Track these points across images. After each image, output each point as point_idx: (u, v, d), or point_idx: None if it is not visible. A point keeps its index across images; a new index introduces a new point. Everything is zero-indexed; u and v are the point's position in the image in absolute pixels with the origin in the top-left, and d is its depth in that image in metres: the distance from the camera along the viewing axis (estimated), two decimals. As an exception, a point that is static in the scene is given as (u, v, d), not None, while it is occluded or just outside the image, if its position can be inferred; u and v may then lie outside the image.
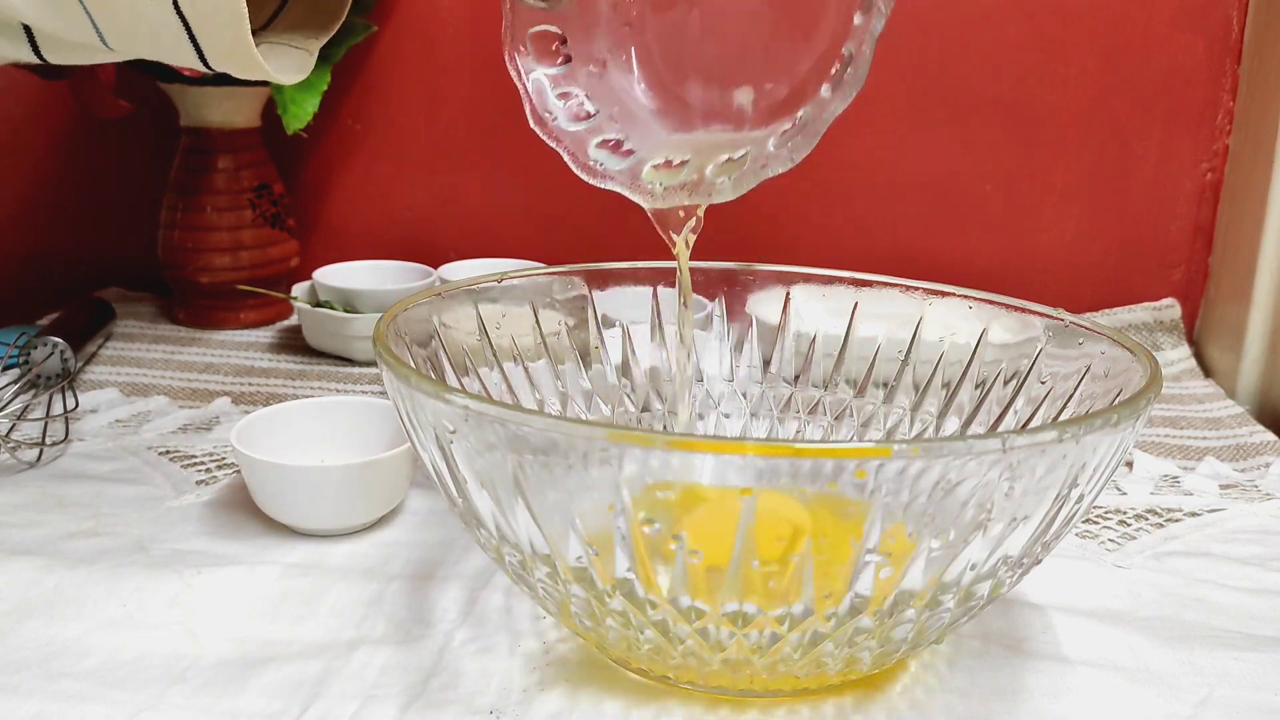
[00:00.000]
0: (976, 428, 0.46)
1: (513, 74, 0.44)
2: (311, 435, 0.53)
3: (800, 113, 0.41)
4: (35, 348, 0.67)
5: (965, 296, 0.48)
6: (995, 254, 0.86)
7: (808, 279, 0.51)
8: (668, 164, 0.43)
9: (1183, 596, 0.46)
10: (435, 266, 0.83)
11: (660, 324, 0.52)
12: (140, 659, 0.39)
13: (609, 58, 0.44)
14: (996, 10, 0.81)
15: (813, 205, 0.87)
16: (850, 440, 0.50)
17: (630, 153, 0.44)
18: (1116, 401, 0.38)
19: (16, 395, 0.62)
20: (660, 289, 0.52)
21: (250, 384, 0.71)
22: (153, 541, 0.48)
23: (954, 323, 0.48)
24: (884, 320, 0.50)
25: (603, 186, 0.44)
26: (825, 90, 0.41)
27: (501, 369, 0.47)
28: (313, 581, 0.45)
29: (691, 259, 0.52)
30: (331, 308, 0.76)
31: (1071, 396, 0.42)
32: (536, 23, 0.43)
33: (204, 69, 0.44)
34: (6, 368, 0.69)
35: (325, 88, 0.78)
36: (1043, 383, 0.44)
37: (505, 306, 0.48)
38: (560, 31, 0.43)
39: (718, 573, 0.32)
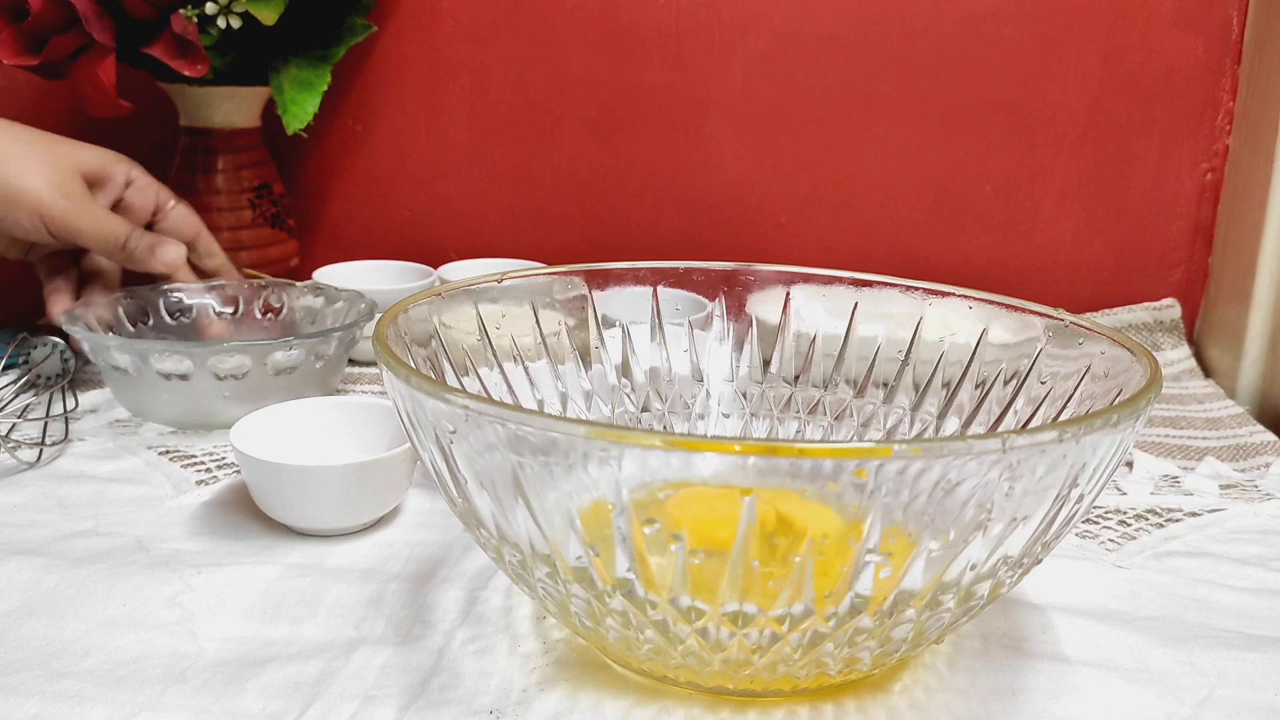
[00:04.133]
0: (976, 428, 0.46)
1: None
2: (311, 435, 0.53)
3: None
4: (35, 348, 0.67)
5: (965, 296, 0.48)
6: (995, 254, 0.86)
7: (808, 279, 0.51)
8: None
9: (1183, 596, 0.46)
10: (435, 266, 0.83)
11: (660, 324, 0.52)
12: (140, 659, 0.39)
13: None
14: (996, 10, 0.81)
15: (813, 205, 0.87)
16: (850, 440, 0.50)
17: None
18: (1116, 401, 0.38)
19: (16, 395, 0.62)
20: (660, 289, 0.52)
21: (250, 384, 0.71)
22: (153, 541, 0.48)
23: (954, 323, 0.48)
24: (884, 320, 0.50)
25: None
26: None
27: (501, 369, 0.47)
28: (313, 581, 0.45)
29: (692, 259, 0.52)
30: (331, 308, 0.76)
31: (1071, 396, 0.42)
32: None
33: None
34: (6, 367, 0.69)
35: (325, 88, 0.79)
36: (1043, 383, 0.44)
37: (505, 306, 0.48)
38: None
39: (717, 572, 0.32)
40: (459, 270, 0.82)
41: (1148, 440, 0.64)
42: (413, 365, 0.39)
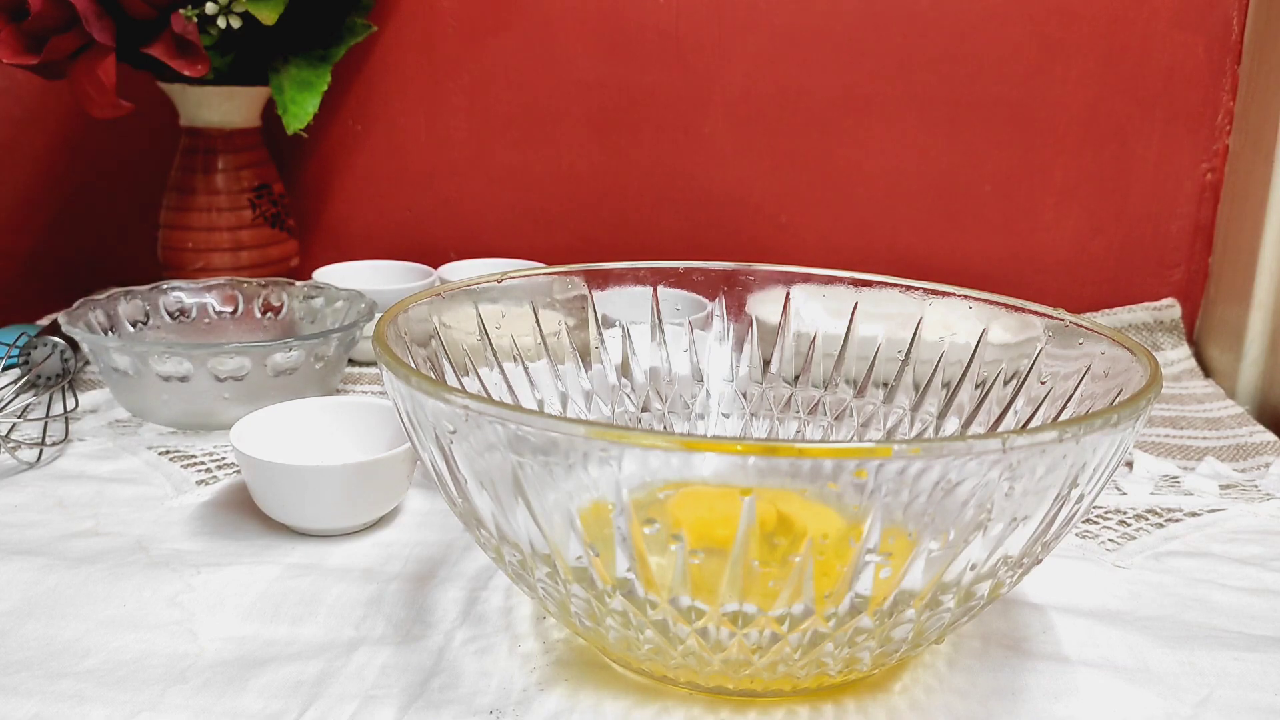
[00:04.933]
0: (976, 428, 0.46)
1: None
2: (311, 435, 0.53)
3: None
4: (35, 348, 0.67)
5: (965, 296, 0.48)
6: (995, 254, 0.86)
7: (808, 279, 0.51)
8: None
9: (1183, 596, 0.46)
10: (435, 266, 0.83)
11: (660, 324, 0.52)
12: (140, 659, 0.39)
13: None
14: (996, 10, 0.81)
15: (813, 205, 0.87)
16: (850, 440, 0.50)
17: None
18: (1116, 401, 0.38)
19: (16, 395, 0.62)
20: (660, 289, 0.52)
21: (250, 384, 0.71)
22: (153, 541, 0.48)
23: (954, 323, 0.48)
24: (884, 320, 0.50)
25: None
26: None
27: (501, 369, 0.47)
28: (313, 581, 0.45)
29: (692, 259, 0.52)
30: (331, 308, 0.76)
31: (1071, 396, 0.42)
32: None
33: None
34: (6, 368, 0.69)
35: (325, 88, 0.79)
36: (1043, 383, 0.44)
37: (505, 306, 0.48)
38: None
39: (717, 572, 0.32)
40: (459, 270, 0.82)
41: (1148, 440, 0.64)
42: (413, 365, 0.39)
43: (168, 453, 0.58)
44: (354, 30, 0.81)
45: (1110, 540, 0.51)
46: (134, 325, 0.67)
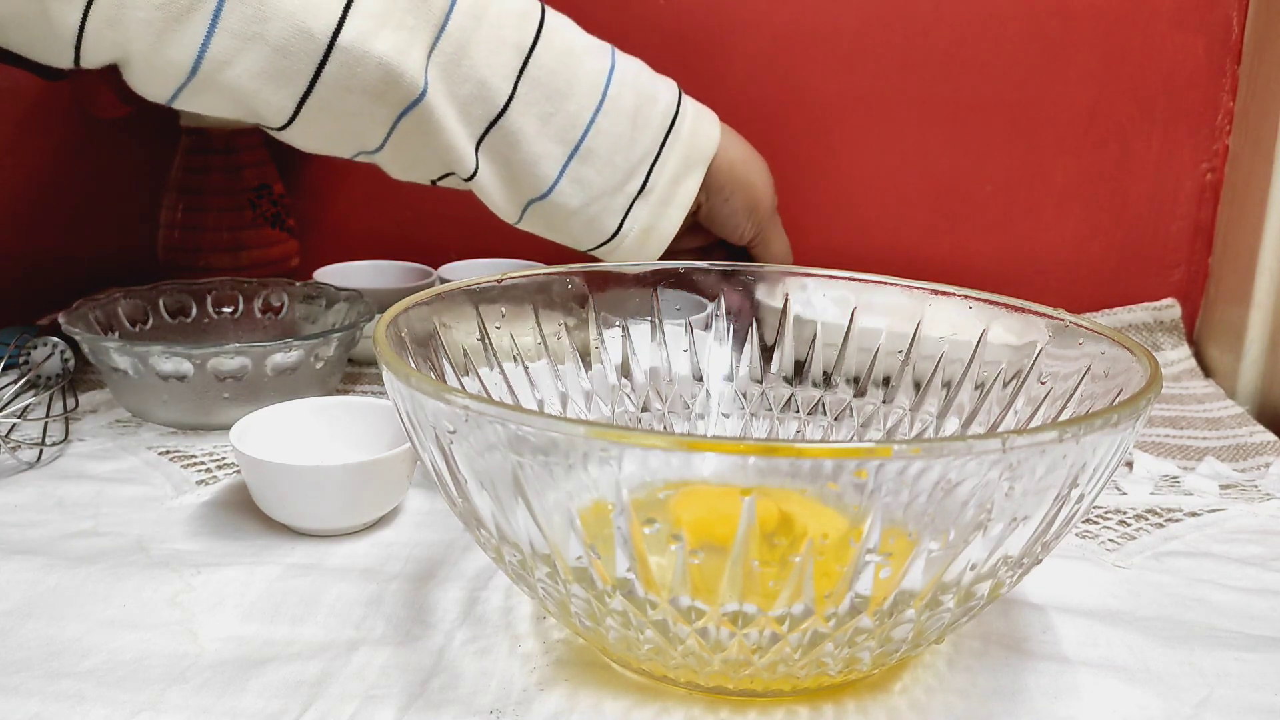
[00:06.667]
0: (976, 428, 0.46)
1: None
2: (311, 435, 0.53)
3: None
4: (35, 348, 0.67)
5: (965, 296, 0.48)
6: (995, 254, 0.86)
7: (808, 279, 0.51)
8: None
9: (1183, 596, 0.46)
10: (435, 266, 0.83)
11: (660, 324, 0.52)
12: (140, 659, 0.39)
13: None
14: (996, 11, 0.81)
15: (813, 205, 0.87)
16: (850, 440, 0.50)
17: None
18: (1116, 401, 0.38)
19: (17, 395, 0.62)
20: (660, 289, 0.52)
21: (250, 384, 0.71)
22: (153, 541, 0.48)
23: (955, 322, 0.48)
24: (884, 320, 0.50)
25: None
26: None
27: (501, 369, 0.47)
28: (313, 581, 0.45)
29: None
30: (331, 308, 0.76)
31: (1071, 396, 0.42)
32: None
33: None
34: (6, 368, 0.69)
35: (325, 88, 0.78)
36: (1043, 383, 0.44)
37: (505, 306, 0.48)
38: None
39: (717, 572, 0.32)
40: (459, 270, 0.82)
41: (1148, 440, 0.64)
42: (413, 365, 0.39)
43: (168, 453, 0.58)
44: (354, 30, 0.81)
45: (1110, 540, 0.51)
46: (134, 325, 0.67)
